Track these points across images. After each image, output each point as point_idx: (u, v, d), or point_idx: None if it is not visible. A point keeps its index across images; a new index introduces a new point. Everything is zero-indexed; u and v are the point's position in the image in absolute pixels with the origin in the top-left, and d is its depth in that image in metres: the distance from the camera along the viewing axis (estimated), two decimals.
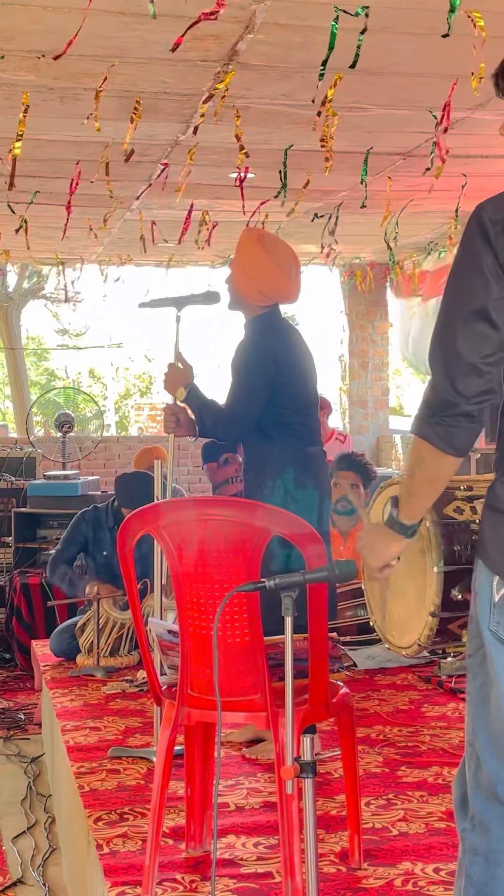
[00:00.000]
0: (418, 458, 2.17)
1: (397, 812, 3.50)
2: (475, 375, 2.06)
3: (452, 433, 2.10)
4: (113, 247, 9.01)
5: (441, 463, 2.15)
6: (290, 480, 4.04)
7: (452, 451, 2.12)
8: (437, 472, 2.18)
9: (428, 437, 2.12)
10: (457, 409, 2.08)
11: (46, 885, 3.94)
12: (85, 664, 5.45)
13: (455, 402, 2.08)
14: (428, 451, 2.14)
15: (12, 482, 8.27)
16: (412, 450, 2.19)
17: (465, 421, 2.09)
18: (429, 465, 2.16)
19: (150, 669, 3.17)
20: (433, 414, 2.11)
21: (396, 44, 4.20)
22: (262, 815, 3.50)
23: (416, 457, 2.17)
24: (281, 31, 4.05)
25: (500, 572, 2.11)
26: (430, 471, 2.17)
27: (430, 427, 2.12)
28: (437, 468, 2.16)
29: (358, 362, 11.07)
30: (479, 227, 2.06)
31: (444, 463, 2.14)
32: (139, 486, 5.71)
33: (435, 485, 2.21)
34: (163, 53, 4.26)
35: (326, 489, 4.20)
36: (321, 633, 2.91)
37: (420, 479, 2.20)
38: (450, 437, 2.11)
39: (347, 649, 5.28)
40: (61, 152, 5.83)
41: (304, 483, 4.04)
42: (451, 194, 6.64)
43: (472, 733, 2.19)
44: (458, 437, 2.11)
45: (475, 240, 2.06)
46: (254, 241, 4.20)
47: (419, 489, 2.23)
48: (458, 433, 2.10)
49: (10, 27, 4.00)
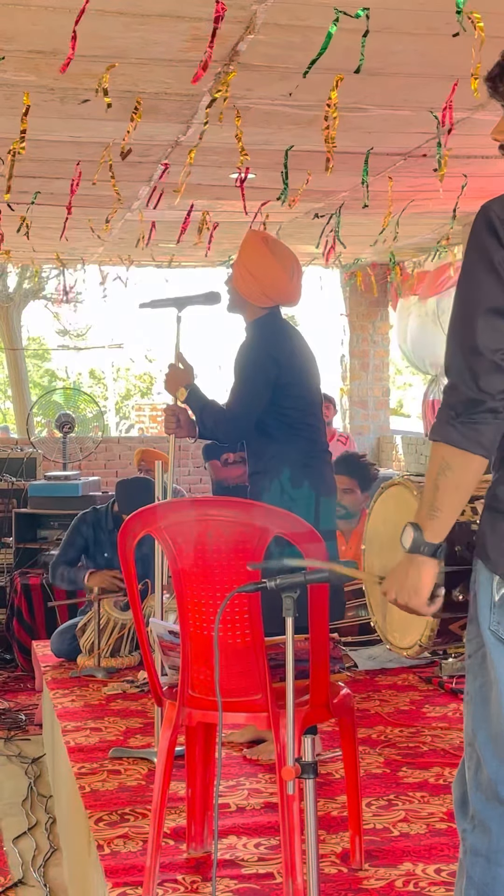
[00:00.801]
0: (442, 467, 2.09)
1: (398, 813, 3.50)
2: (498, 371, 2.04)
3: (480, 431, 2.06)
4: (114, 247, 9.02)
5: (469, 466, 2.08)
6: (293, 481, 4.04)
7: (481, 450, 2.07)
8: (465, 477, 2.10)
9: (454, 440, 2.07)
10: (483, 406, 2.05)
11: (47, 886, 3.93)
12: (86, 665, 5.45)
13: (481, 399, 2.05)
14: (454, 456, 2.08)
15: (13, 483, 8.27)
16: (432, 461, 2.12)
17: (491, 417, 2.06)
18: (456, 470, 2.09)
19: (151, 670, 3.17)
20: (457, 415, 2.07)
21: (397, 44, 4.20)
22: (263, 816, 3.50)
23: (438, 466, 2.10)
24: (281, 32, 4.05)
25: (499, 572, 2.11)
26: (457, 476, 2.09)
27: (456, 429, 2.07)
28: (464, 472, 2.09)
29: (358, 363, 11.07)
30: (488, 226, 2.06)
31: (471, 465, 2.08)
32: (139, 492, 5.72)
33: (462, 492, 2.12)
34: (163, 54, 4.26)
35: (327, 488, 4.18)
36: (322, 634, 2.91)
37: (446, 488, 2.11)
38: (477, 435, 2.06)
39: (348, 650, 5.28)
40: (62, 153, 5.83)
41: (301, 482, 4.04)
42: (451, 195, 6.64)
43: (471, 734, 2.19)
44: (485, 435, 2.06)
45: (484, 238, 2.07)
46: (259, 242, 4.21)
47: (445, 500, 2.12)
48: (485, 431, 2.06)
49: (10, 27, 4.00)
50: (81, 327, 19.92)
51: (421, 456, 9.87)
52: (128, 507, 5.70)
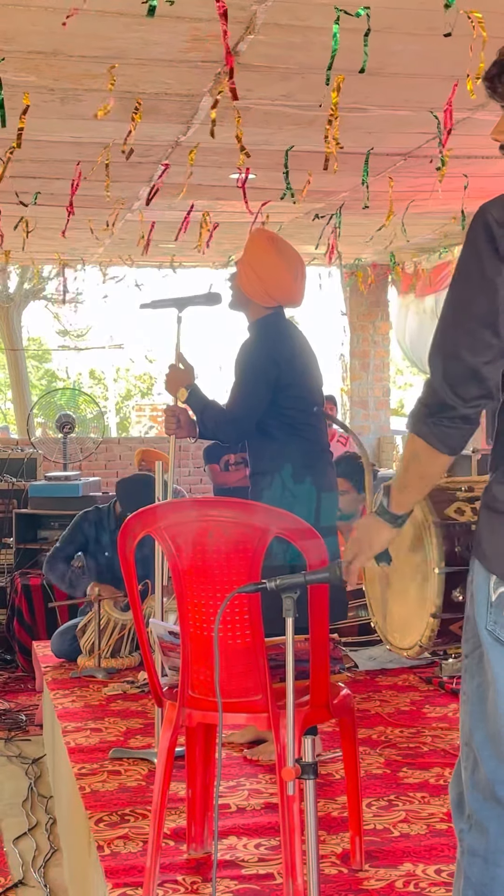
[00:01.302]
0: (413, 453, 2.21)
1: (398, 813, 3.50)
2: (475, 380, 2.07)
3: (448, 434, 2.14)
4: (114, 247, 9.02)
5: (435, 461, 2.19)
6: (287, 479, 4.04)
7: (447, 450, 2.16)
8: (430, 469, 2.22)
9: (424, 435, 2.16)
10: (454, 412, 2.11)
11: (48, 887, 3.93)
12: (86, 665, 5.45)
13: (453, 405, 2.10)
14: (423, 449, 2.17)
15: (13, 483, 8.27)
16: (407, 444, 2.23)
17: (461, 423, 2.12)
18: (423, 461, 2.20)
19: (151, 670, 3.17)
20: (430, 414, 2.13)
21: (397, 44, 4.20)
22: (264, 817, 3.50)
23: (411, 451, 2.21)
24: (281, 32, 4.05)
25: (497, 572, 2.11)
26: (423, 467, 2.22)
27: (427, 426, 2.15)
28: (430, 465, 2.21)
29: (359, 363, 11.08)
30: (485, 230, 2.04)
31: (437, 461, 2.19)
32: (140, 488, 5.73)
33: (426, 480, 2.27)
34: (163, 54, 4.26)
35: (328, 488, 4.18)
36: (322, 635, 2.91)
37: (413, 473, 2.25)
38: (446, 437, 2.14)
39: (348, 650, 5.28)
40: (62, 153, 5.83)
41: (302, 477, 4.03)
42: (452, 195, 6.64)
43: (468, 733, 2.18)
44: (453, 438, 2.15)
45: (480, 243, 2.04)
46: (265, 241, 4.20)
47: (411, 482, 2.27)
48: (453, 434, 2.14)
49: (10, 28, 4.00)
50: (81, 328, 19.94)
51: None
52: (129, 504, 5.72)
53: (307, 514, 3.74)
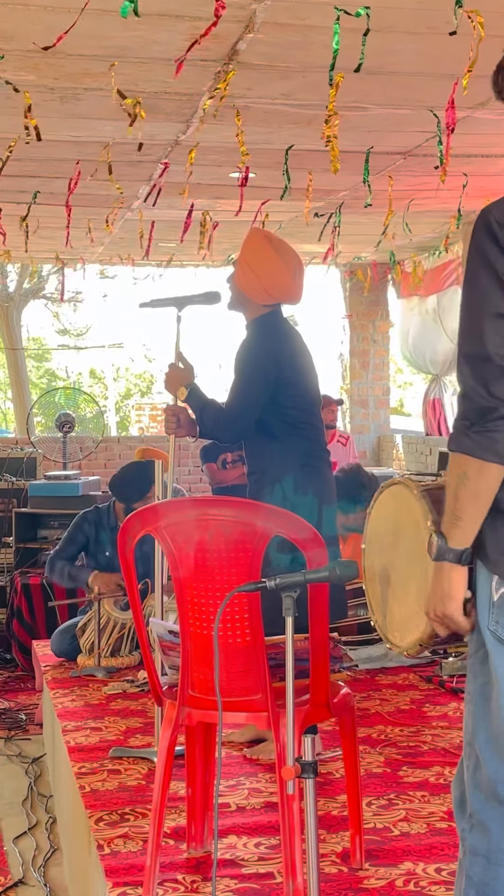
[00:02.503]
0: (460, 476, 2.09)
1: (399, 812, 3.50)
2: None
3: (494, 439, 2.05)
4: (113, 247, 9.02)
5: (485, 475, 2.07)
6: (294, 483, 4.03)
7: (496, 458, 2.05)
8: (482, 486, 2.09)
9: (469, 449, 2.06)
10: (496, 413, 2.04)
11: (48, 886, 3.93)
12: (86, 664, 5.45)
13: (493, 406, 2.04)
14: (470, 465, 2.07)
15: (13, 482, 8.27)
16: (451, 470, 2.12)
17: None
18: (473, 479, 2.08)
19: (151, 670, 3.17)
20: (472, 424, 2.06)
21: (397, 43, 4.20)
22: (264, 816, 3.50)
23: (457, 475, 2.10)
24: (281, 31, 4.05)
25: (499, 572, 2.11)
26: (474, 485, 2.09)
27: (470, 438, 2.06)
28: (481, 481, 2.08)
29: (359, 362, 11.08)
30: (488, 231, 2.06)
31: (488, 474, 2.07)
32: (133, 475, 5.85)
33: (481, 500, 2.11)
34: (163, 53, 4.26)
35: (331, 493, 4.18)
36: (322, 634, 2.91)
37: (465, 497, 2.11)
38: (492, 444, 2.05)
39: (348, 649, 5.28)
40: (61, 152, 5.83)
41: (304, 488, 4.03)
42: (452, 194, 6.64)
43: (471, 733, 2.18)
44: (499, 443, 2.05)
45: (485, 244, 2.06)
46: (262, 239, 4.20)
47: (464, 509, 2.12)
48: (500, 438, 2.04)
49: (9, 27, 4.00)
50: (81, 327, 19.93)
51: (421, 455, 9.87)
52: (124, 493, 5.79)
53: (307, 514, 3.75)
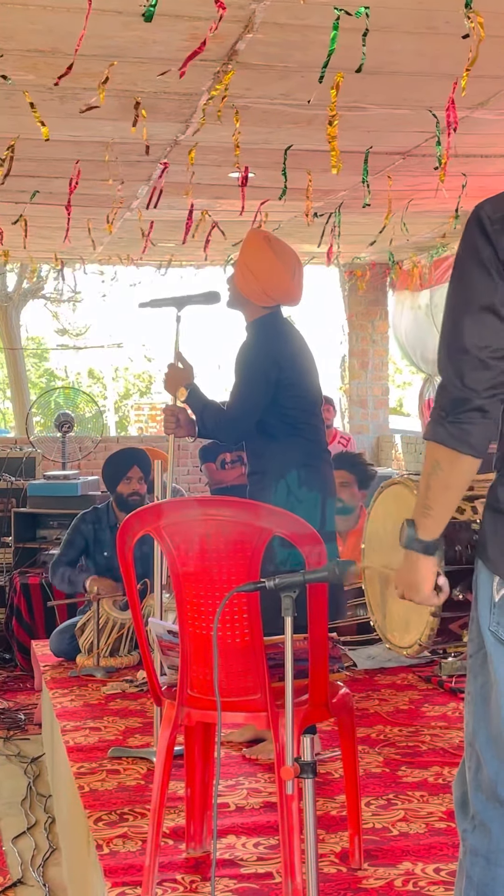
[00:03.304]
0: (433, 465, 2.11)
1: (398, 812, 3.50)
2: (483, 368, 2.05)
3: (467, 431, 2.07)
4: (113, 246, 9.01)
5: (457, 465, 2.09)
6: (293, 480, 4.04)
7: (469, 450, 2.07)
8: (454, 477, 2.10)
9: (442, 439, 2.08)
10: (469, 405, 2.06)
11: (46, 886, 3.93)
12: (85, 664, 5.45)
13: (466, 397, 2.06)
14: (443, 455, 2.09)
15: (12, 482, 8.27)
16: (425, 459, 2.13)
17: (478, 416, 2.06)
18: (444, 469, 2.10)
19: (150, 670, 3.17)
20: (446, 414, 2.08)
21: (396, 43, 4.20)
22: (263, 816, 3.50)
23: (430, 464, 2.11)
24: (280, 31, 4.05)
25: (500, 573, 2.11)
26: (446, 476, 2.11)
27: (444, 428, 2.08)
28: (453, 472, 2.10)
29: (358, 362, 11.07)
30: (479, 226, 2.09)
31: (460, 465, 2.09)
32: (116, 459, 5.98)
33: (452, 491, 2.13)
34: (162, 53, 4.26)
35: (327, 488, 4.19)
36: (321, 634, 2.91)
37: (436, 486, 2.12)
38: (465, 435, 2.07)
39: (347, 649, 5.28)
40: (61, 152, 5.83)
41: (308, 483, 4.03)
42: (451, 194, 6.64)
43: (472, 734, 2.18)
44: (473, 435, 2.07)
45: (475, 238, 2.09)
46: (261, 240, 4.21)
47: (436, 498, 2.14)
48: (472, 430, 2.07)
49: (9, 27, 4.00)
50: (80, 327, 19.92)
51: (420, 455, 9.84)
52: (104, 474, 5.97)
53: (306, 514, 3.74)
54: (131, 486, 5.86)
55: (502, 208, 2.08)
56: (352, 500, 5.88)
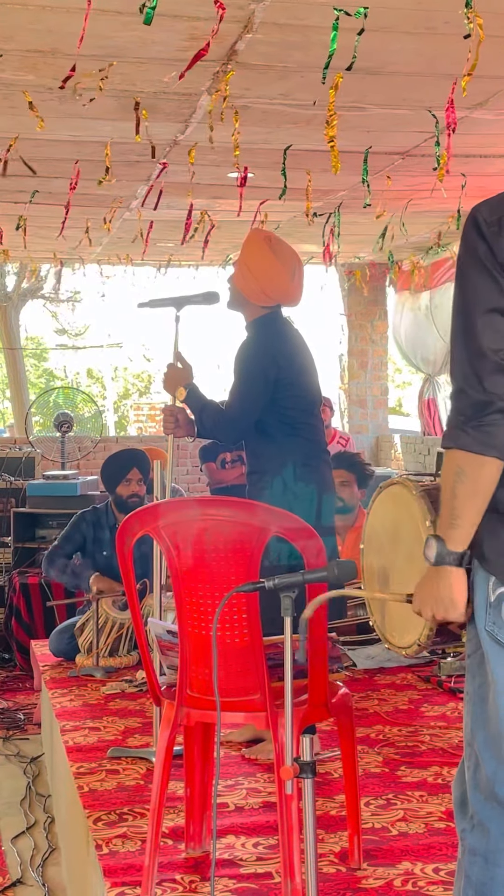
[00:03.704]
0: (457, 473, 2.07)
1: (397, 812, 3.50)
2: (501, 372, 2.04)
3: (491, 433, 2.04)
4: (112, 246, 9.01)
5: (483, 470, 2.06)
6: (289, 475, 4.04)
7: (494, 452, 2.04)
8: (480, 483, 2.06)
9: (465, 444, 2.05)
10: (492, 407, 2.04)
11: (46, 886, 3.93)
12: (84, 664, 5.45)
13: (489, 401, 2.04)
14: (466, 461, 2.06)
15: (11, 482, 8.27)
16: (446, 468, 2.10)
17: (501, 418, 2.04)
18: (470, 475, 2.06)
19: (150, 670, 3.17)
20: (468, 419, 2.05)
21: (395, 43, 4.20)
22: (262, 816, 3.50)
23: (453, 472, 2.08)
24: (280, 31, 4.05)
25: (496, 573, 2.11)
26: (473, 482, 2.07)
27: (467, 434, 2.05)
28: (479, 477, 2.06)
29: (357, 362, 11.07)
30: (476, 229, 2.10)
31: (486, 469, 2.05)
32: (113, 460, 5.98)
33: (479, 498, 2.08)
34: (162, 53, 4.26)
35: (326, 488, 4.18)
36: (320, 633, 2.91)
37: (463, 495, 2.08)
38: (490, 438, 2.04)
39: (347, 649, 5.28)
40: (60, 152, 5.83)
41: (304, 477, 4.04)
42: (450, 194, 6.64)
43: (470, 733, 2.19)
44: (497, 437, 2.04)
45: (474, 241, 2.10)
46: (261, 240, 4.21)
47: (463, 508, 2.09)
48: (496, 433, 2.04)
49: (8, 27, 4.00)
50: (80, 326, 19.91)
51: (420, 455, 9.86)
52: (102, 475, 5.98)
53: (306, 514, 3.75)
54: (130, 487, 5.87)
55: (498, 210, 2.09)
56: (352, 500, 5.91)
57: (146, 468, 5.89)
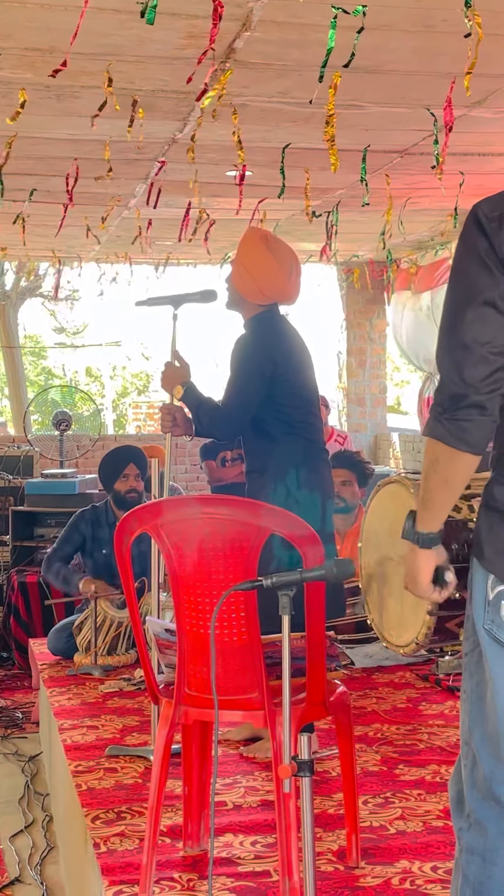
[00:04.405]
0: (432, 460, 2.12)
1: (395, 810, 3.50)
2: (483, 364, 2.06)
3: (465, 428, 2.08)
4: (110, 245, 9.01)
5: (456, 462, 2.11)
6: (293, 481, 4.03)
7: (466, 447, 2.09)
8: (453, 473, 2.12)
9: (440, 436, 2.10)
10: (466, 401, 2.07)
11: (44, 884, 3.93)
12: (82, 663, 5.45)
13: (464, 394, 2.07)
14: (441, 451, 2.10)
15: (10, 481, 8.27)
16: (425, 454, 2.14)
17: (476, 413, 2.07)
18: (443, 465, 2.12)
19: (148, 668, 3.17)
20: (444, 410, 2.09)
21: (394, 42, 4.20)
22: (260, 814, 3.50)
23: (429, 459, 2.13)
24: (278, 29, 4.05)
25: (495, 571, 2.12)
26: (445, 472, 2.12)
27: (442, 425, 2.09)
28: (451, 468, 2.11)
29: (356, 360, 11.07)
30: (477, 225, 2.10)
31: (459, 462, 2.10)
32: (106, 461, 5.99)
33: (451, 487, 2.15)
34: (160, 51, 4.26)
35: (330, 491, 4.19)
36: (319, 632, 2.91)
37: (435, 481, 2.14)
38: (462, 432, 2.08)
39: (345, 647, 5.28)
40: (58, 150, 5.83)
41: (308, 484, 4.03)
42: (448, 192, 6.64)
43: (467, 732, 2.19)
44: (470, 432, 2.08)
45: (474, 236, 2.10)
46: (258, 239, 4.21)
47: (434, 493, 2.16)
48: (470, 428, 2.08)
49: (6, 25, 3.99)
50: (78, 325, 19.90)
51: (418, 453, 9.87)
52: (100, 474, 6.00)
53: (303, 513, 3.75)
54: (128, 483, 5.87)
55: (499, 207, 2.10)
56: (353, 499, 5.93)
57: (143, 464, 5.89)
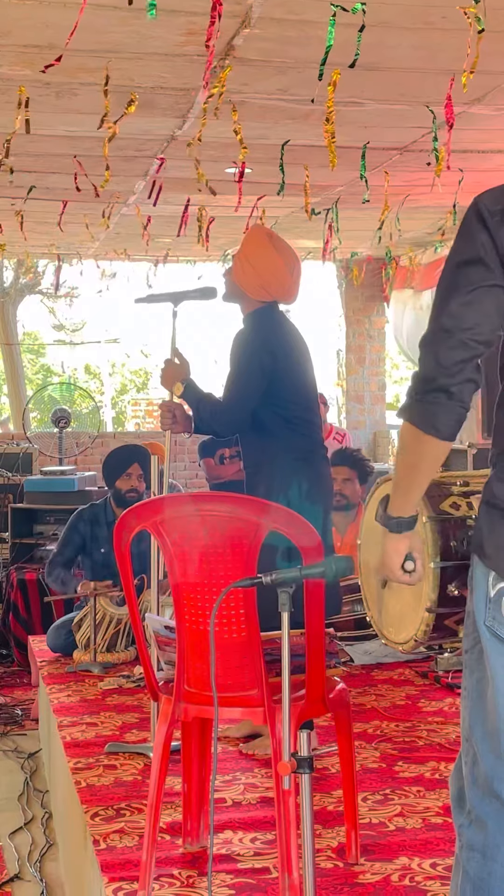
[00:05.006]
0: (401, 444, 2.15)
1: (394, 807, 3.50)
2: (459, 348, 2.05)
3: (432, 412, 2.08)
4: (110, 242, 9.01)
5: (422, 445, 2.11)
6: (281, 469, 4.03)
7: (433, 431, 2.08)
8: (419, 457, 2.12)
9: (409, 417, 2.11)
10: (434, 384, 2.07)
11: (44, 881, 3.94)
12: (82, 660, 5.45)
13: (433, 376, 2.07)
14: (410, 433, 2.11)
15: (9, 478, 8.27)
16: (399, 436, 2.17)
17: (444, 398, 2.07)
18: (410, 448, 2.12)
19: (147, 665, 3.17)
20: (415, 393, 2.10)
21: (393, 39, 4.20)
22: (259, 811, 3.50)
23: (400, 443, 2.16)
24: (277, 26, 4.04)
25: (496, 568, 2.11)
26: (411, 455, 2.13)
27: (413, 407, 2.11)
28: (418, 452, 2.12)
29: (354, 357, 11.06)
30: (478, 217, 2.09)
31: (425, 446, 2.10)
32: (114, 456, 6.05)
33: (418, 471, 2.15)
34: (159, 48, 4.25)
35: (323, 484, 4.18)
36: (318, 629, 2.91)
37: (403, 465, 2.16)
38: (429, 416, 2.08)
39: (344, 645, 5.28)
40: (57, 147, 5.83)
41: (296, 472, 4.03)
42: (447, 189, 6.64)
43: (468, 729, 2.19)
44: (438, 418, 2.08)
45: (474, 228, 2.09)
46: (263, 235, 4.22)
47: (403, 477, 2.17)
48: (437, 412, 2.07)
49: (5, 21, 3.99)
50: (77, 322, 19.90)
51: None
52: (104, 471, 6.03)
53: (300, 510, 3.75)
54: (130, 482, 5.87)
55: (502, 200, 2.09)
56: (354, 497, 5.95)
57: (147, 465, 5.89)
